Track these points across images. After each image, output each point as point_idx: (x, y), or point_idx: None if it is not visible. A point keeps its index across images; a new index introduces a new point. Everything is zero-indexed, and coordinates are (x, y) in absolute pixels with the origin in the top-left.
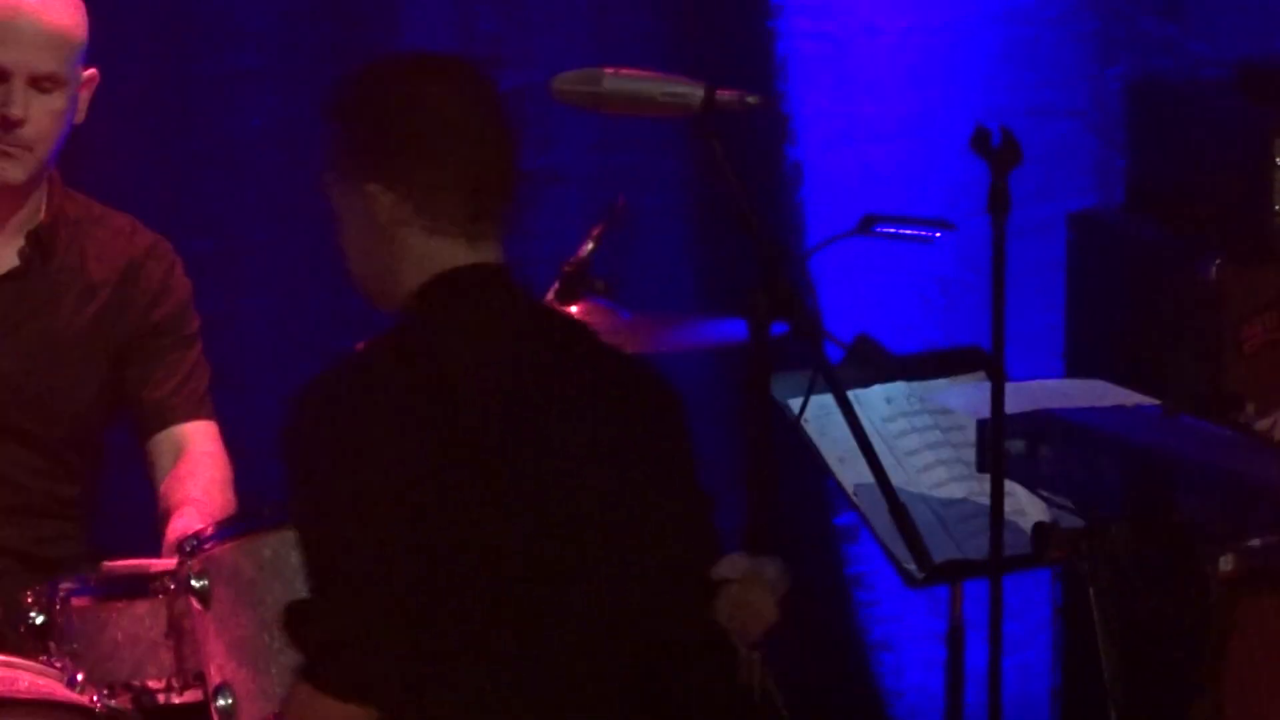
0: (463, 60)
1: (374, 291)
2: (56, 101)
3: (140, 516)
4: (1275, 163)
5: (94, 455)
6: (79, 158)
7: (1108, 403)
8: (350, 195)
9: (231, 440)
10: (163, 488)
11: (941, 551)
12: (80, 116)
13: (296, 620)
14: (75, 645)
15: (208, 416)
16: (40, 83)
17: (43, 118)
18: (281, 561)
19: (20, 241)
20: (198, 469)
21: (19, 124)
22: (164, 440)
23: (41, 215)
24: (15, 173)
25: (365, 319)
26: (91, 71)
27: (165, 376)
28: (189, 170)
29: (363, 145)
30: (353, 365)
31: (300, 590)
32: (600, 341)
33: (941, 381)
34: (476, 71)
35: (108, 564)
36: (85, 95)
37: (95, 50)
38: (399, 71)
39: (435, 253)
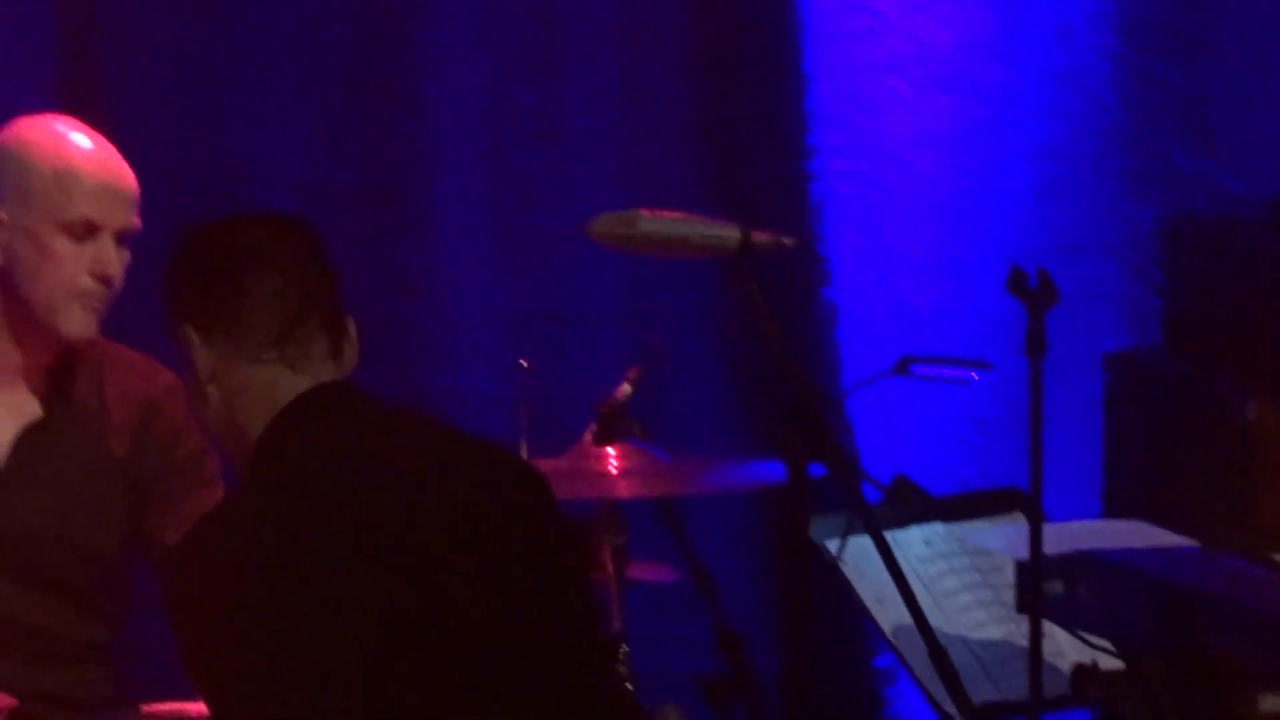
0: (285, 213)
1: (232, 449)
2: (127, 254)
3: (170, 660)
4: None
5: (123, 597)
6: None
7: (1146, 543)
8: (182, 347)
9: None
10: None
11: (981, 693)
12: None
13: None
14: None
15: None
16: (123, 238)
17: (120, 272)
18: None
19: (40, 385)
20: None
21: (115, 280)
22: None
23: (57, 358)
24: (94, 327)
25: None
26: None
27: (184, 520)
28: None
29: (171, 291)
30: (206, 528)
31: None
32: (465, 437)
33: (979, 523)
34: (295, 218)
35: (147, 708)
36: None
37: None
38: (213, 222)
39: (264, 385)
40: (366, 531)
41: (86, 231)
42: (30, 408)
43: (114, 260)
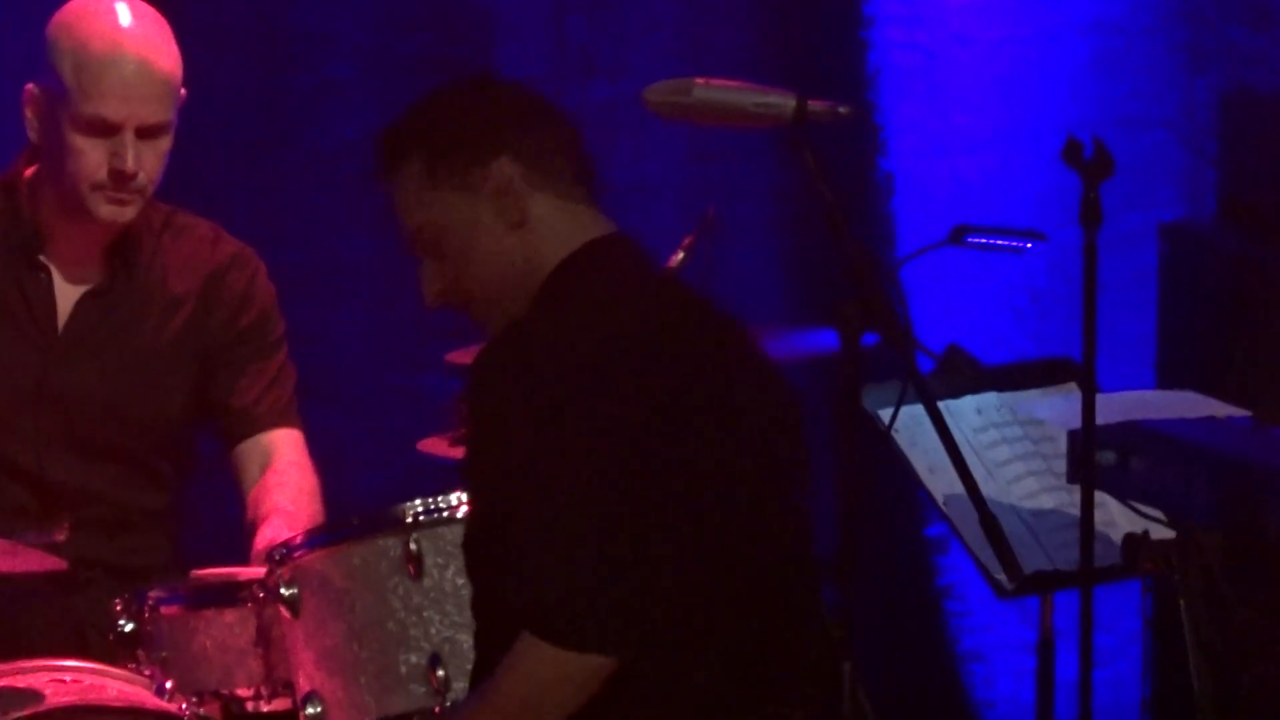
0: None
1: (517, 297)
2: (163, 144)
3: (227, 525)
4: None
5: (185, 465)
6: (169, 168)
7: (1199, 414)
8: (468, 199)
9: (323, 451)
10: (250, 496)
11: (1032, 562)
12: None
13: (518, 579)
14: (164, 653)
15: (293, 424)
16: (148, 131)
17: (152, 162)
18: (371, 570)
19: (106, 256)
20: (286, 478)
21: (133, 176)
22: (250, 448)
23: (126, 230)
24: (128, 214)
25: (458, 330)
26: (182, 92)
27: (250, 384)
28: (280, 182)
29: (471, 135)
30: (536, 327)
31: (390, 600)
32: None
33: (1033, 392)
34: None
35: (196, 573)
36: (176, 117)
37: (186, 65)
38: (451, 89)
39: (569, 223)
40: (700, 372)
41: (104, 128)
42: (92, 276)
43: (130, 156)
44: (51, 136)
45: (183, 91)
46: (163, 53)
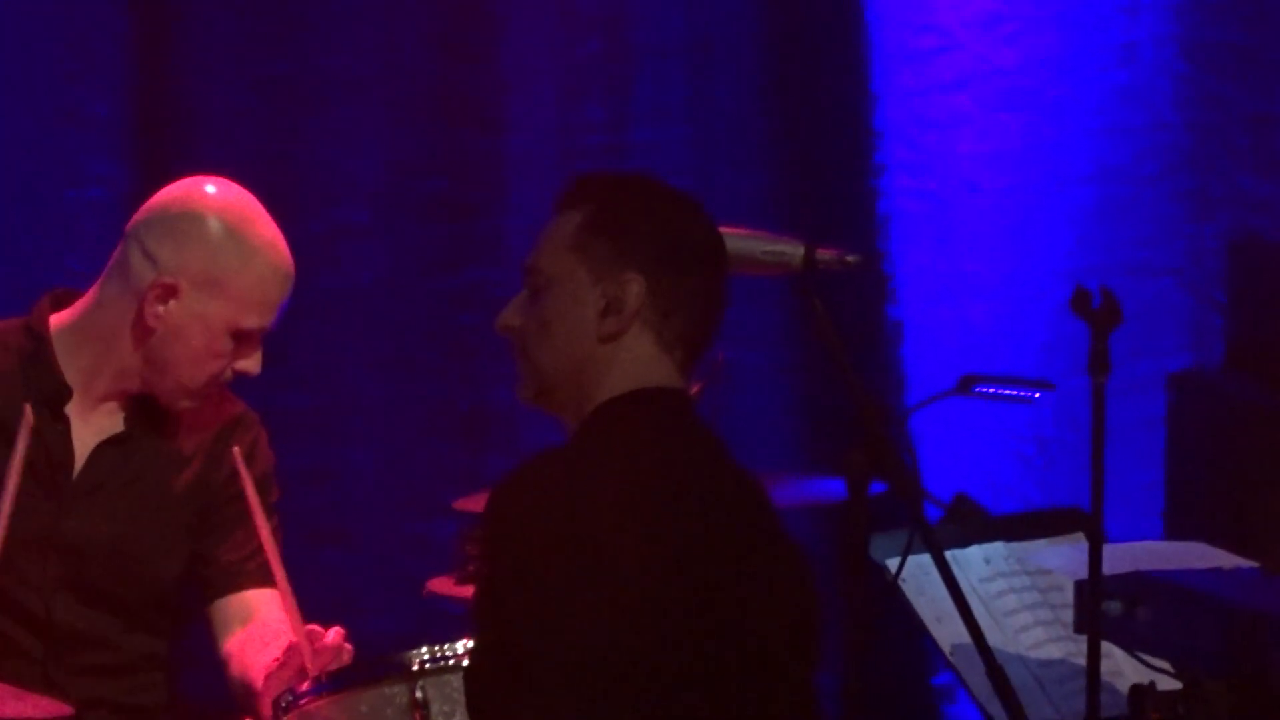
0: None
1: (556, 384)
2: None
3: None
4: None
5: (177, 612)
6: None
7: (1206, 564)
8: (588, 283)
9: (330, 593)
10: (230, 647)
11: (1039, 713)
12: None
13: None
14: None
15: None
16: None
17: None
18: (377, 717)
19: (123, 406)
20: (273, 634)
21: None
22: (232, 604)
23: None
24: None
25: (466, 472)
26: None
27: (243, 540)
28: (292, 324)
29: (639, 238)
30: (560, 475)
31: None
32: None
33: (1040, 542)
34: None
35: None
36: None
37: None
38: (659, 189)
39: (649, 362)
40: (705, 542)
41: (254, 339)
42: (113, 426)
43: (259, 360)
44: (183, 329)
45: None
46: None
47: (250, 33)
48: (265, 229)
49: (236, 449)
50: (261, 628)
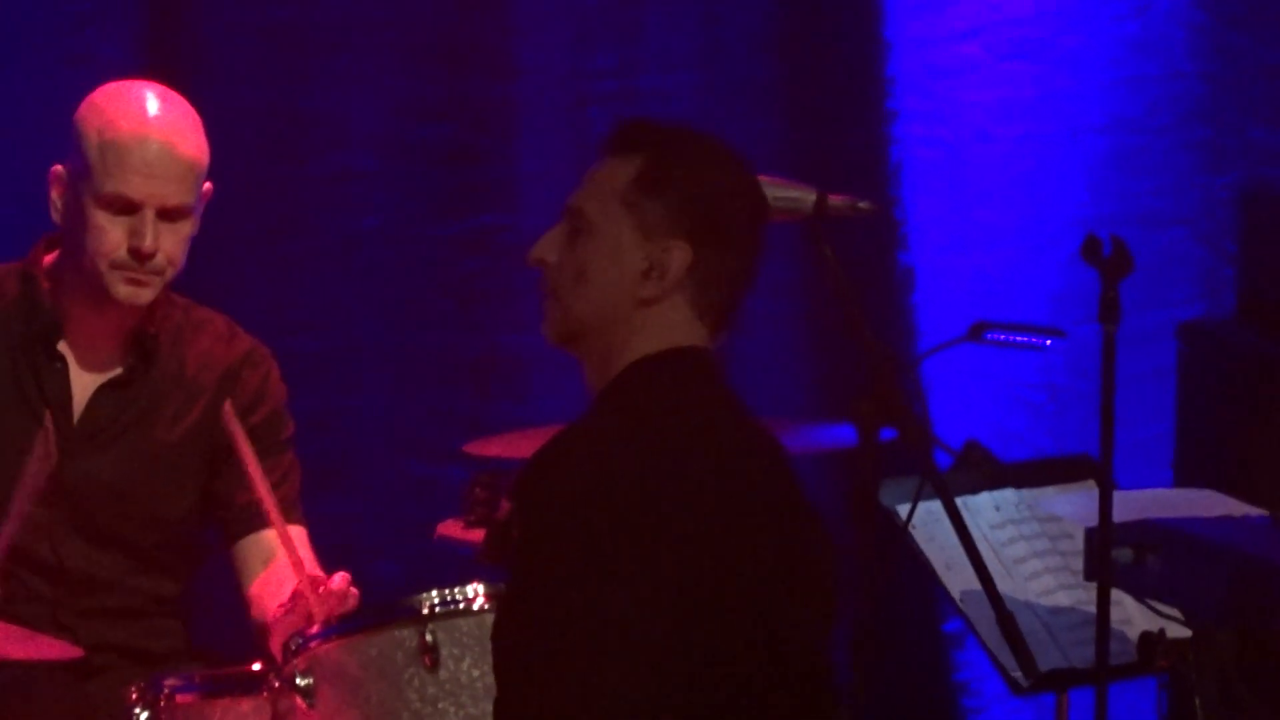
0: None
1: (585, 333)
2: (184, 228)
3: (235, 612)
4: None
5: (194, 556)
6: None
7: (1216, 512)
8: (634, 239)
9: (337, 538)
10: (251, 591)
11: (1048, 660)
12: (196, 228)
13: (541, 692)
14: None
15: (298, 522)
16: (169, 213)
17: (172, 245)
18: (387, 661)
19: (124, 348)
20: (290, 575)
21: (151, 255)
22: (252, 544)
23: (146, 323)
24: (145, 296)
25: (474, 418)
26: (208, 185)
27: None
28: (298, 269)
29: (691, 205)
30: (594, 442)
31: (405, 691)
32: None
33: (1050, 489)
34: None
35: (211, 670)
36: (201, 208)
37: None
38: (714, 149)
39: (682, 326)
40: (730, 496)
41: (125, 206)
42: (110, 368)
43: (149, 235)
44: (74, 216)
45: (207, 185)
46: (188, 138)
47: None
48: (129, 100)
49: (228, 405)
50: (279, 569)
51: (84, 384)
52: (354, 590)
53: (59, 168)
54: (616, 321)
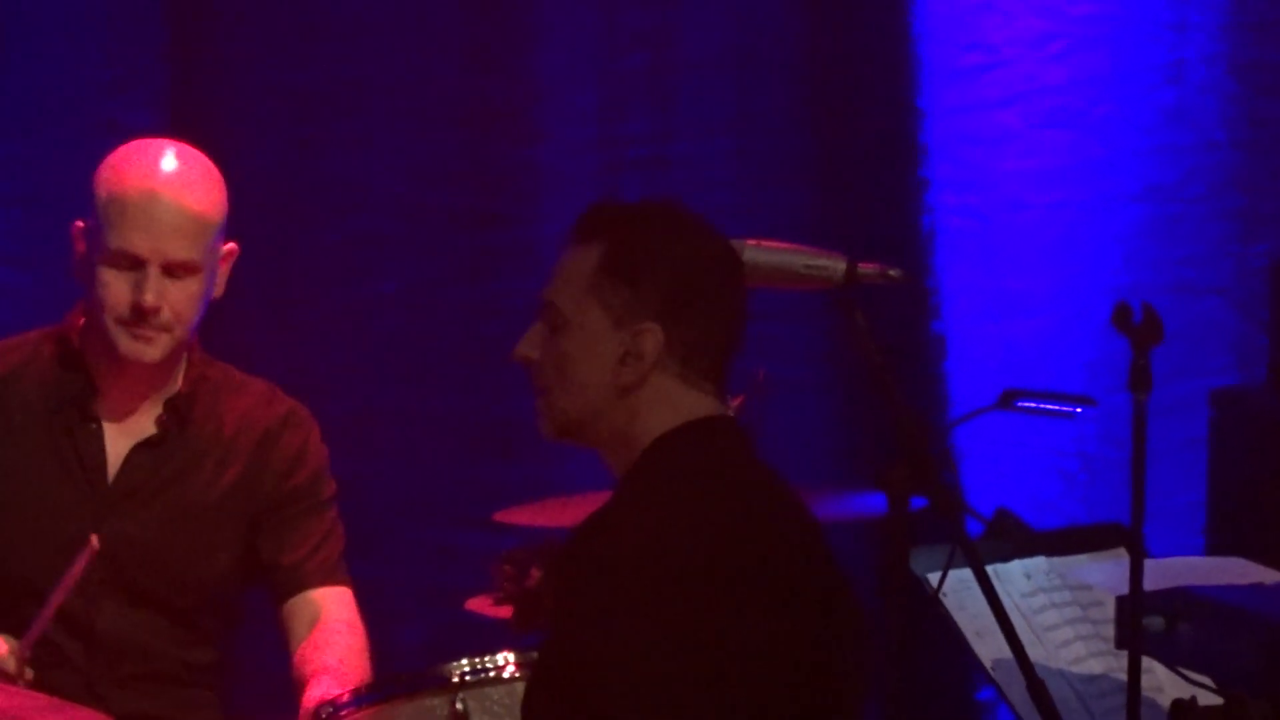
0: (707, 222)
1: (579, 426)
2: (191, 286)
3: (272, 680)
4: None
5: (230, 620)
6: (207, 318)
7: (1248, 580)
8: (606, 326)
9: (367, 605)
10: (298, 655)
11: None
12: (219, 291)
13: None
14: None
15: (342, 582)
16: (175, 269)
17: (179, 301)
18: None
19: (159, 410)
20: (334, 637)
21: (154, 311)
22: (298, 606)
23: (179, 384)
24: (152, 353)
25: (496, 483)
26: (231, 246)
27: (300, 542)
28: (318, 333)
29: (655, 284)
30: (630, 521)
31: None
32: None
33: (1081, 557)
34: (723, 236)
35: None
36: (225, 269)
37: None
38: (676, 223)
39: (685, 400)
40: (770, 568)
41: (130, 262)
42: (144, 428)
43: (150, 291)
44: (88, 273)
45: (231, 245)
46: (198, 194)
47: (275, 42)
48: (140, 157)
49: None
50: (322, 630)
51: (119, 445)
52: None
53: (79, 224)
54: (604, 411)
